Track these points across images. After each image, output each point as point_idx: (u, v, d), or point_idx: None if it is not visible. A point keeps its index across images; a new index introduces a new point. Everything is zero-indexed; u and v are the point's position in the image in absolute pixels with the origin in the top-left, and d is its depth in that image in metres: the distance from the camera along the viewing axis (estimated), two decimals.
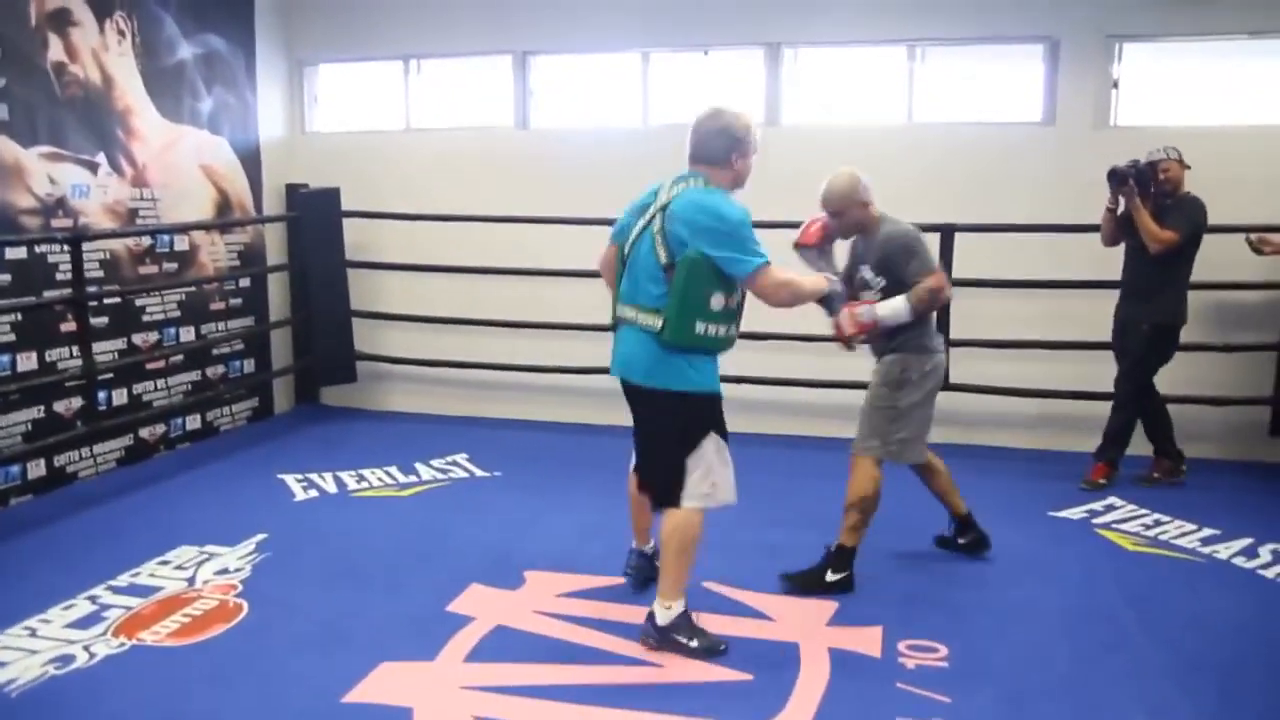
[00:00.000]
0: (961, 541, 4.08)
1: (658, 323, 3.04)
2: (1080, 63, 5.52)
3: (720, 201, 3.05)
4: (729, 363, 3.31)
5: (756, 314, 3.41)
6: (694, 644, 3.17)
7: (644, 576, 3.65)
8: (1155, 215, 4.67)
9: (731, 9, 5.91)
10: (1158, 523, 4.47)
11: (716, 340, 3.09)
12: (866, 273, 3.72)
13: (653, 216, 3.11)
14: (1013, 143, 5.64)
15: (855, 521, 3.72)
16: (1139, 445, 5.13)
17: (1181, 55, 5.58)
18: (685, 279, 2.99)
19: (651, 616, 3.20)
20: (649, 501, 3.35)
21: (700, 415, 3.13)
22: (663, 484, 3.18)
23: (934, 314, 3.81)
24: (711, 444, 3.14)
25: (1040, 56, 5.63)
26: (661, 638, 3.18)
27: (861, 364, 5.60)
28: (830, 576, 3.72)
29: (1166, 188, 4.70)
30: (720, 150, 3.12)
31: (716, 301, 3.03)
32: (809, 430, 5.87)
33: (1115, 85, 5.55)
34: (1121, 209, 4.78)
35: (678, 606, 3.17)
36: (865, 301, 3.62)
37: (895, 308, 3.54)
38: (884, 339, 3.72)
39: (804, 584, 3.73)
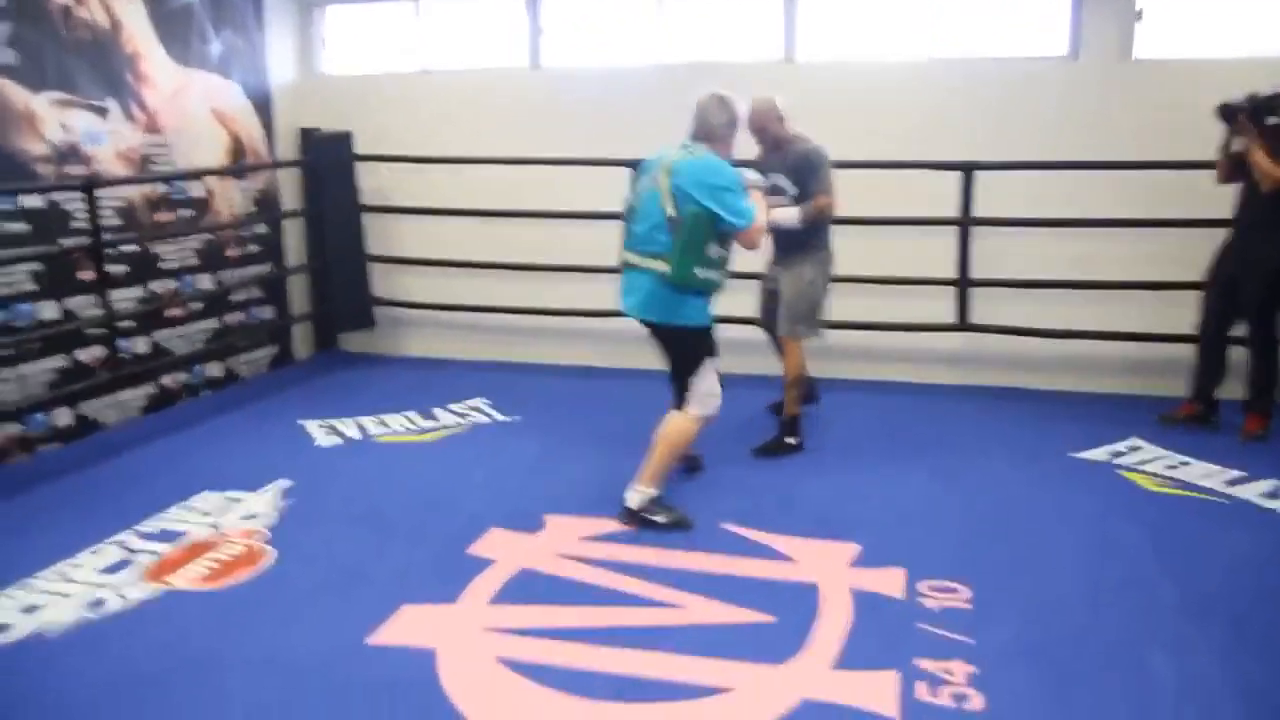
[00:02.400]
0: (790, 441, 4.73)
1: (665, 267, 3.57)
2: None
3: (725, 167, 3.61)
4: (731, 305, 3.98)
5: None
6: (661, 519, 3.71)
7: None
8: (1272, 151, 4.41)
9: None
10: (1182, 463, 4.43)
11: (710, 283, 3.64)
12: (782, 181, 4.43)
13: (657, 176, 3.60)
14: (1035, 77, 5.50)
15: (796, 394, 4.64)
16: (1175, 386, 5.08)
17: None
18: (690, 230, 3.52)
19: (623, 501, 3.72)
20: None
21: (699, 343, 3.72)
22: (677, 394, 3.78)
23: (828, 222, 4.55)
24: (709, 365, 3.73)
25: None
26: (631, 517, 3.71)
27: (876, 304, 5.59)
28: (789, 440, 4.62)
29: None
30: (725, 130, 3.70)
31: (713, 251, 3.58)
32: (818, 372, 5.84)
33: (1139, 16, 5.39)
34: (1237, 146, 4.56)
35: (652, 491, 3.73)
36: (772, 205, 4.20)
37: (790, 215, 4.34)
38: (790, 245, 4.53)
39: (772, 452, 4.58)
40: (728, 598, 3.20)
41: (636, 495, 3.72)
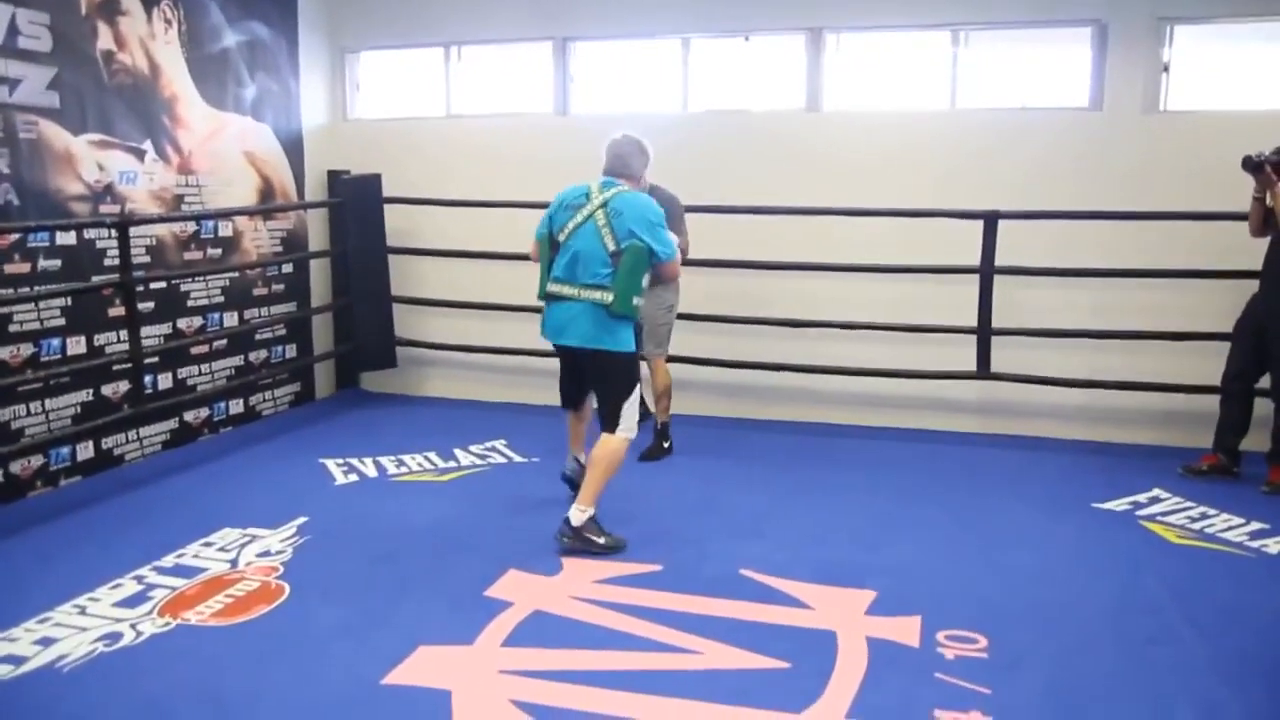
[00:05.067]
0: (666, 445, 5.29)
1: (607, 297, 3.81)
2: (1129, 46, 5.39)
3: (653, 203, 3.97)
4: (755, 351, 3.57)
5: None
6: (601, 540, 3.90)
7: (580, 479, 4.22)
8: None
9: None
10: (1204, 515, 4.38)
11: (639, 310, 3.92)
12: None
13: (593, 212, 3.88)
14: (1058, 129, 5.54)
15: (668, 403, 5.24)
16: (1198, 437, 5.04)
17: (1234, 37, 5.44)
18: (633, 263, 3.81)
19: (568, 519, 3.89)
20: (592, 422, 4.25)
21: (632, 369, 3.99)
22: (608, 418, 3.97)
23: None
24: (638, 391, 4.00)
25: (1087, 40, 5.52)
26: (575, 535, 3.88)
27: (899, 351, 5.57)
28: (665, 445, 5.25)
29: None
30: (639, 167, 4.12)
31: (645, 281, 3.91)
32: (839, 418, 5.84)
33: (1165, 69, 5.43)
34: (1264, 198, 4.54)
35: (591, 510, 3.90)
36: None
37: None
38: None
39: (653, 456, 5.17)
40: (744, 643, 3.18)
41: (578, 514, 3.89)
